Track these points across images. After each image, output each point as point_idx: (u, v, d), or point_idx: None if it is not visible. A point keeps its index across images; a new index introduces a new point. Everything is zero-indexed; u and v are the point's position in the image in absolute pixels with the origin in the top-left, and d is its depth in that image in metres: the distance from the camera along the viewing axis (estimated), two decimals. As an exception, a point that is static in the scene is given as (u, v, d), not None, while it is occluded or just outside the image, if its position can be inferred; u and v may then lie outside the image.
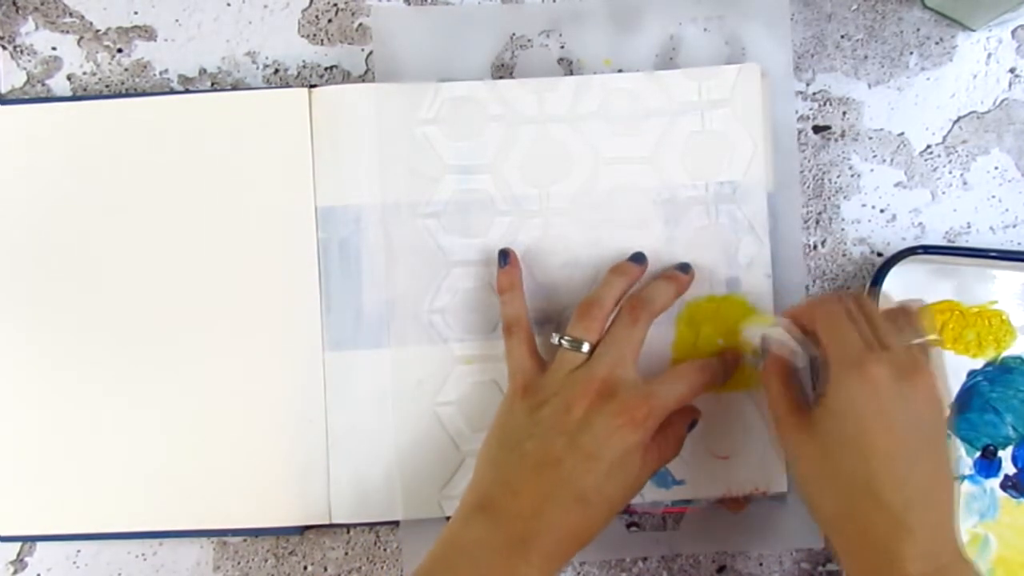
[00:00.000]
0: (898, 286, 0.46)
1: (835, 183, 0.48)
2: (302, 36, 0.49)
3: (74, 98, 0.48)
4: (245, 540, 0.47)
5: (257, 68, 0.49)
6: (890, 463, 0.35)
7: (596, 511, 0.38)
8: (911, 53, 0.49)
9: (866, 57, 0.49)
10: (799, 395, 0.40)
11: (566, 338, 0.41)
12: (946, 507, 0.36)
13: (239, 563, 0.47)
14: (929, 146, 0.48)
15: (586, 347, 0.41)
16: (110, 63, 0.49)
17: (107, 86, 0.48)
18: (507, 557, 0.37)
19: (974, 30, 0.48)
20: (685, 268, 0.44)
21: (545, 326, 0.46)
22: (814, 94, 0.49)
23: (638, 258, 0.44)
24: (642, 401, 0.39)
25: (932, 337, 0.38)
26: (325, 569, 0.47)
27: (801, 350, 0.40)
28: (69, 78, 0.49)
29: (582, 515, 0.38)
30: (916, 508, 0.35)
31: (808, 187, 0.48)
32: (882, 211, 0.48)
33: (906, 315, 0.39)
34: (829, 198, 0.48)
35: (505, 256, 0.45)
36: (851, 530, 0.36)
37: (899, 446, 0.35)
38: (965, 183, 0.48)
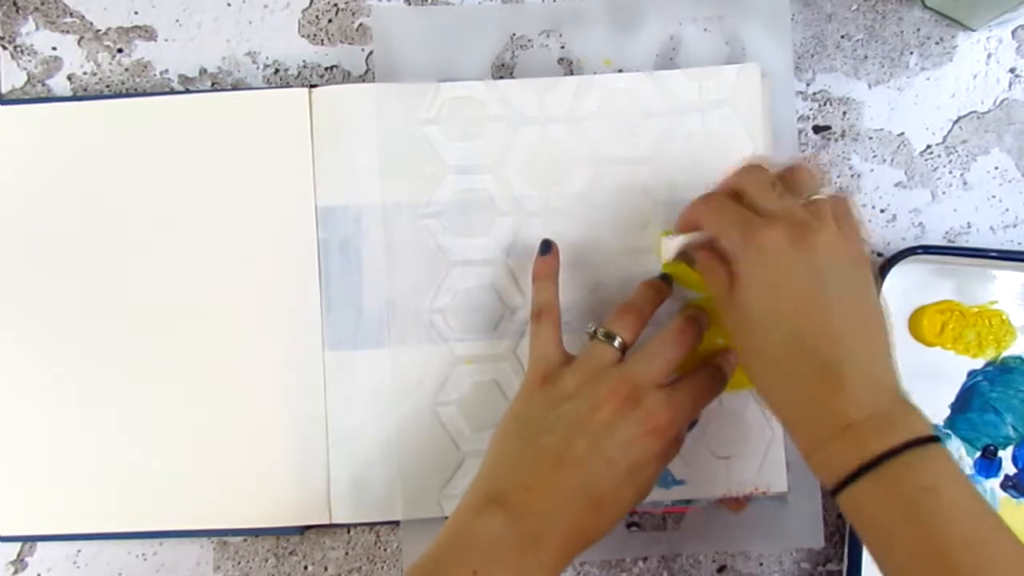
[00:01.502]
0: (898, 286, 0.46)
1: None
2: (302, 36, 0.49)
3: (74, 98, 0.48)
4: (245, 540, 0.47)
5: (257, 68, 0.49)
6: (810, 319, 0.35)
7: (609, 514, 0.38)
8: (911, 53, 0.49)
9: (866, 57, 0.49)
10: (727, 275, 0.39)
11: (602, 330, 0.41)
12: (880, 352, 0.35)
13: (239, 563, 0.47)
14: (929, 146, 0.48)
15: (618, 342, 0.40)
16: (110, 63, 0.49)
17: (107, 86, 0.48)
18: (518, 554, 0.36)
19: (974, 30, 0.48)
20: None
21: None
22: (814, 94, 0.49)
23: (667, 279, 0.44)
24: (667, 410, 0.39)
25: (822, 192, 0.37)
26: (325, 569, 0.47)
27: (701, 233, 0.40)
28: (69, 78, 0.49)
29: (595, 518, 0.38)
30: (846, 356, 0.34)
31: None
32: (882, 211, 0.48)
33: (794, 175, 0.38)
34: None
35: (547, 246, 0.45)
36: (785, 390, 0.36)
37: (814, 299, 0.35)
38: (965, 183, 0.48)
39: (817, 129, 0.48)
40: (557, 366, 0.41)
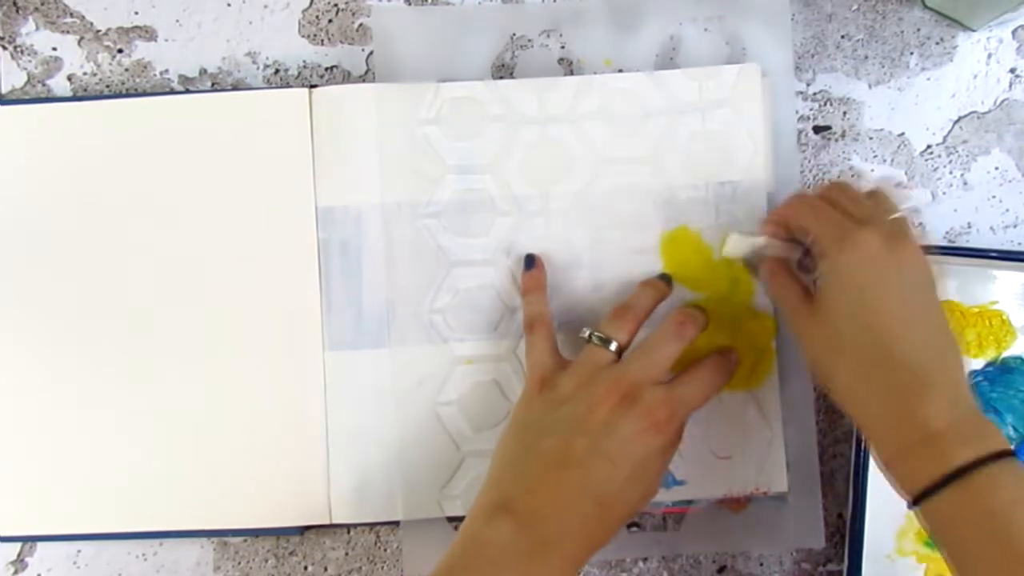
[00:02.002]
0: (898, 286, 0.46)
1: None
2: (302, 36, 0.49)
3: (74, 98, 0.48)
4: (245, 540, 0.47)
5: (257, 68, 0.49)
6: (898, 324, 0.36)
7: (615, 515, 0.38)
8: (911, 53, 0.49)
9: (866, 57, 0.49)
10: (801, 285, 0.40)
11: (597, 334, 0.41)
12: (957, 365, 0.36)
13: (239, 563, 0.47)
14: (929, 146, 0.48)
15: (614, 346, 0.41)
16: (110, 63, 0.49)
17: (107, 86, 0.48)
18: (528, 559, 0.36)
19: (974, 30, 0.48)
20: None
21: (546, 326, 0.46)
22: (814, 94, 0.49)
23: (667, 279, 0.45)
24: (665, 405, 0.39)
25: (902, 212, 0.38)
26: (325, 569, 0.47)
27: (792, 245, 0.41)
28: (69, 78, 0.49)
29: (601, 519, 0.38)
30: (931, 363, 0.35)
31: (809, 187, 0.48)
32: (882, 211, 0.48)
33: (876, 195, 0.40)
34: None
35: (532, 260, 0.45)
36: (869, 396, 0.36)
37: (903, 307, 0.36)
38: (965, 183, 0.48)
39: (817, 129, 0.48)
40: (554, 371, 0.41)
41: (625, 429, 0.38)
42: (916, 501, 0.35)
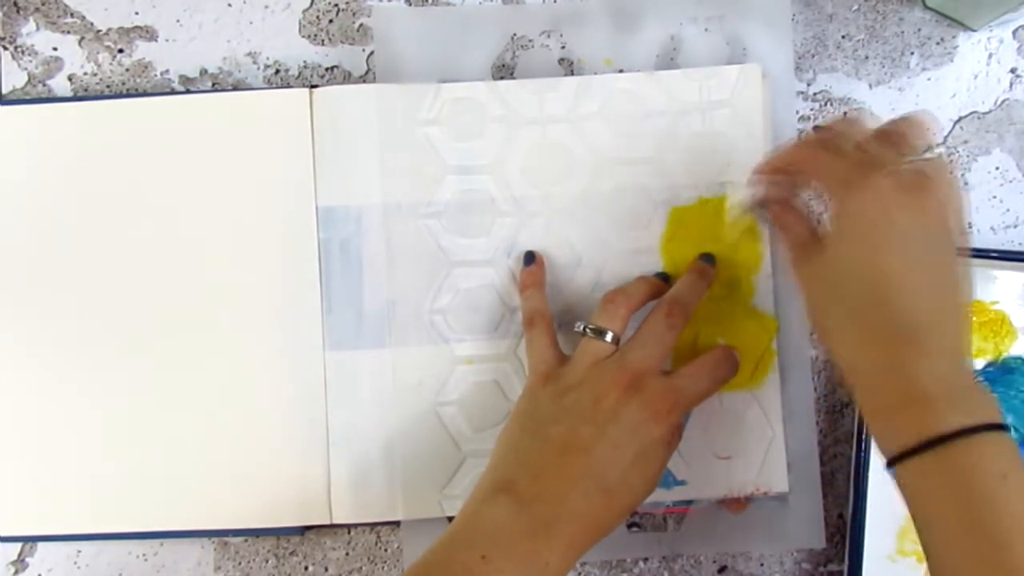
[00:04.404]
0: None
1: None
2: (303, 36, 0.49)
3: (75, 98, 0.48)
4: (246, 540, 0.47)
5: (258, 68, 0.49)
6: (904, 276, 0.34)
7: (619, 502, 0.38)
8: (912, 53, 0.49)
9: (867, 57, 0.49)
10: (808, 227, 0.39)
11: (590, 326, 0.41)
12: (960, 329, 0.34)
13: (240, 563, 0.47)
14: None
15: (610, 336, 0.41)
16: (111, 63, 0.49)
17: (108, 86, 0.48)
18: (529, 540, 0.36)
19: (975, 30, 0.48)
20: (711, 260, 0.45)
21: (546, 326, 0.46)
22: (815, 94, 0.49)
23: (665, 277, 0.45)
24: (668, 396, 0.39)
25: (936, 151, 0.36)
26: (326, 569, 0.47)
27: (791, 181, 0.40)
28: (70, 78, 0.49)
29: (605, 505, 0.38)
30: (932, 324, 0.33)
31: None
32: (883, 211, 0.48)
33: (900, 133, 0.36)
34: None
35: (531, 257, 0.45)
36: (862, 344, 0.35)
37: (910, 258, 0.34)
38: (966, 183, 0.48)
39: (818, 129, 0.48)
40: (556, 366, 0.41)
41: (629, 417, 0.38)
42: (894, 461, 0.34)
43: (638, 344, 0.40)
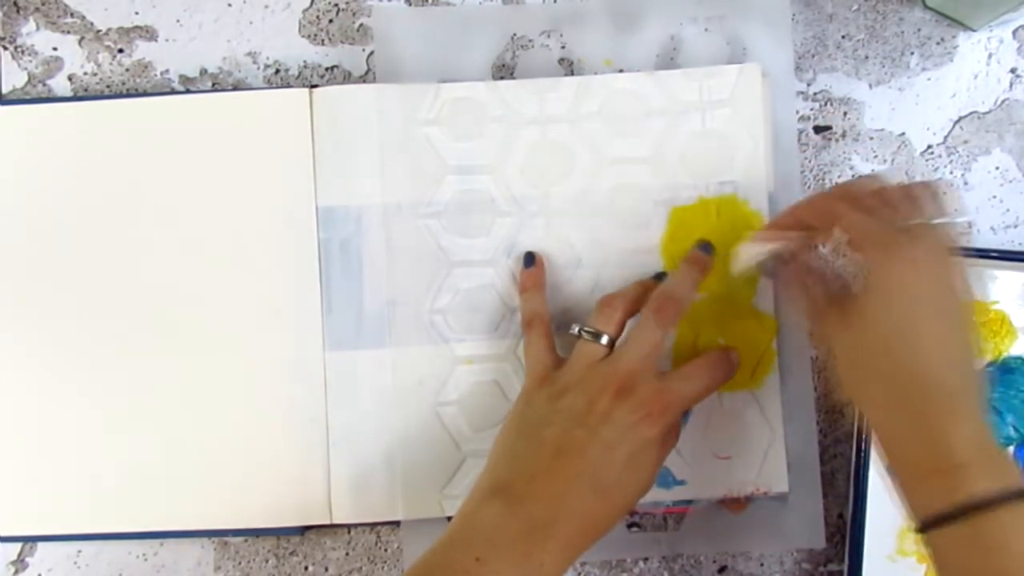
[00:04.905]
0: (899, 286, 0.46)
1: (836, 183, 0.48)
2: (303, 36, 0.49)
3: (75, 98, 0.48)
4: (246, 540, 0.47)
5: (258, 68, 0.49)
6: (940, 347, 0.34)
7: (613, 503, 0.38)
8: (912, 53, 0.49)
9: (867, 57, 0.49)
10: (824, 291, 0.38)
11: (586, 329, 0.41)
12: (983, 395, 0.35)
13: (240, 563, 0.47)
14: (930, 146, 0.48)
15: (605, 339, 0.41)
16: (111, 63, 0.49)
17: (108, 86, 0.48)
18: (524, 541, 0.36)
19: (975, 30, 0.48)
20: (708, 248, 0.44)
21: (546, 326, 0.46)
22: (815, 94, 0.49)
23: (663, 277, 0.44)
24: (660, 397, 0.39)
25: (962, 218, 0.37)
26: (326, 569, 0.47)
27: (803, 236, 0.39)
28: (70, 78, 0.49)
29: (600, 506, 0.38)
30: (963, 392, 0.34)
31: (809, 187, 0.48)
32: (883, 211, 0.48)
33: (925, 192, 0.37)
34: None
35: (531, 258, 0.45)
36: (899, 416, 0.35)
37: (944, 328, 0.35)
38: (966, 183, 0.48)
39: (818, 129, 0.48)
40: (552, 369, 0.42)
41: (622, 419, 0.38)
42: (925, 527, 0.34)
43: (629, 345, 0.40)
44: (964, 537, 0.33)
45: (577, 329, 0.41)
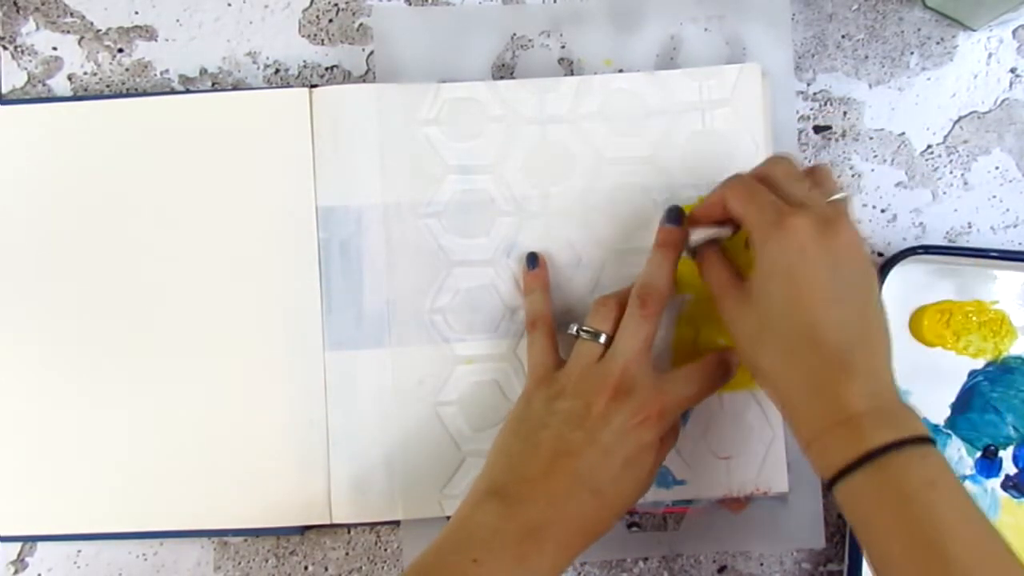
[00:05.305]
0: (898, 286, 0.46)
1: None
2: (303, 36, 0.49)
3: (75, 98, 0.48)
4: (246, 540, 0.47)
5: (258, 68, 0.49)
6: (827, 308, 0.35)
7: (610, 505, 0.39)
8: (912, 53, 0.49)
9: (867, 57, 0.49)
10: (731, 269, 0.40)
11: (583, 328, 0.41)
12: (884, 353, 0.36)
13: (240, 563, 0.47)
14: (930, 146, 0.48)
15: (603, 338, 0.41)
16: (111, 63, 0.49)
17: (108, 86, 0.48)
18: (520, 544, 0.37)
19: (975, 30, 0.48)
20: (677, 217, 0.43)
21: (546, 326, 0.46)
22: (815, 94, 0.49)
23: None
24: (658, 400, 0.39)
25: (844, 194, 0.38)
26: (326, 569, 0.47)
27: (723, 229, 0.41)
28: (70, 78, 0.49)
29: (596, 508, 0.38)
30: (856, 349, 0.35)
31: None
32: (883, 211, 0.48)
33: (818, 174, 0.39)
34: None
35: (534, 259, 0.45)
36: (792, 379, 0.36)
37: (834, 292, 0.36)
38: (966, 183, 0.48)
39: (818, 129, 0.48)
40: (552, 370, 0.42)
41: (618, 422, 0.38)
42: (832, 482, 0.35)
43: (620, 343, 0.40)
44: (867, 485, 0.34)
45: (575, 329, 0.42)
